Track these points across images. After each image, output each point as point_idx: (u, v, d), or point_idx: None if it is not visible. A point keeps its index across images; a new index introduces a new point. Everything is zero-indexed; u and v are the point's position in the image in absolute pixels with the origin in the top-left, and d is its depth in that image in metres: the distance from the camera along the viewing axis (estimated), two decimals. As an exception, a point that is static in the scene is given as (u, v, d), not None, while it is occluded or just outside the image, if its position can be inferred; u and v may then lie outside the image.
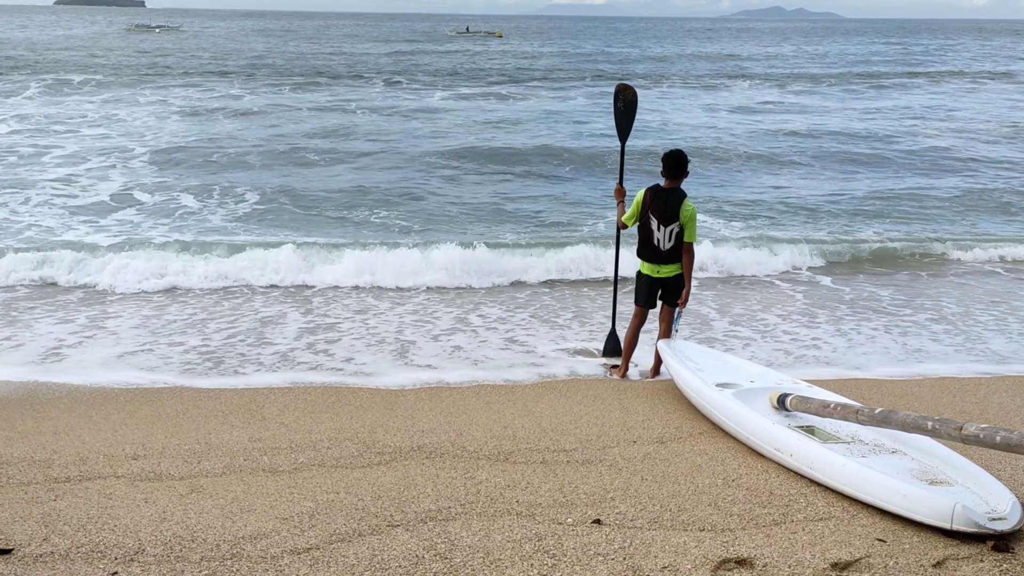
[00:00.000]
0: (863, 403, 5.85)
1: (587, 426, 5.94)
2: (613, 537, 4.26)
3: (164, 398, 6.53)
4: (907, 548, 4.16)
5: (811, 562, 4.03)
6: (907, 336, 8.60)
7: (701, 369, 6.45)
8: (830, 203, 15.57)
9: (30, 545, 4.14)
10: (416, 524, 4.40)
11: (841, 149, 21.61)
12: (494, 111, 28.55)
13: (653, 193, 6.77)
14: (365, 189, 16.09)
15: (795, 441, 5.13)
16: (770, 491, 4.85)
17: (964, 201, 16.03)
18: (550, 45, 79.13)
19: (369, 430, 5.84)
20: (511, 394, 6.72)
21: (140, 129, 23.02)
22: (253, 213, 14.09)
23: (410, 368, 7.47)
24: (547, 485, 4.91)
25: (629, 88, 7.53)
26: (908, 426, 4.65)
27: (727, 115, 28.81)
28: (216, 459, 5.30)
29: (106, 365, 7.40)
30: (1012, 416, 6.26)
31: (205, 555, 4.07)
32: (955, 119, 27.94)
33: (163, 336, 8.27)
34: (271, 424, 5.96)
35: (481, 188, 16.60)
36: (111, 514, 4.49)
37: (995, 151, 21.66)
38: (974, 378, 7.23)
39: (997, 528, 4.16)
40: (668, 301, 7.00)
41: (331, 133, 23.10)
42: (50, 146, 19.95)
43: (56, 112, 25.94)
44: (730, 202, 15.58)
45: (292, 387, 6.85)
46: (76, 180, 16.29)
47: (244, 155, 19.27)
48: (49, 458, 5.29)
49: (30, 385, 6.82)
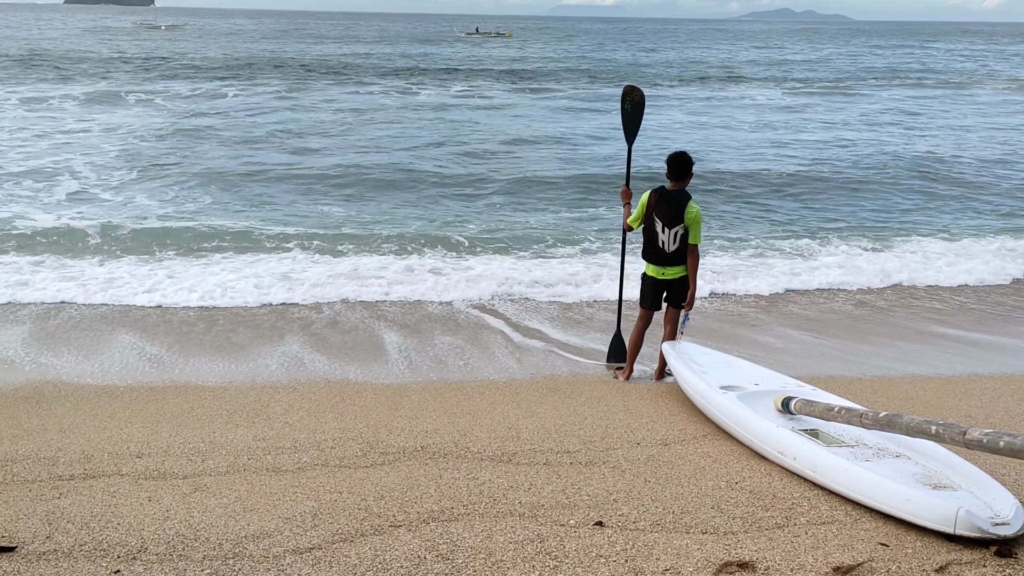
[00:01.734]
0: (867, 406, 5.85)
1: (591, 428, 5.94)
2: (615, 539, 4.26)
3: (169, 397, 6.56)
4: (910, 553, 4.14)
5: (813, 566, 4.02)
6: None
7: (705, 371, 6.45)
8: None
9: (34, 543, 4.16)
10: (418, 524, 4.41)
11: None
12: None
13: (658, 195, 6.77)
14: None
15: (799, 444, 5.12)
16: (773, 494, 4.84)
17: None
18: (617, 50, 75.61)
19: (373, 430, 5.85)
20: (515, 395, 6.72)
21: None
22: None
23: (413, 368, 7.47)
24: (550, 487, 4.91)
25: (636, 90, 7.52)
26: (912, 430, 4.63)
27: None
28: (220, 458, 5.32)
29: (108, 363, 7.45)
30: (1018, 420, 6.23)
31: (207, 554, 4.08)
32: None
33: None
34: (276, 423, 5.98)
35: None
36: (115, 512, 4.50)
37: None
38: (979, 381, 7.19)
39: (1000, 533, 4.14)
40: (673, 303, 7.00)
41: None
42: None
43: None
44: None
45: (296, 387, 6.86)
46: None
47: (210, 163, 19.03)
48: (54, 456, 5.32)
49: (36, 383, 6.85)
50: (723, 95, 36.56)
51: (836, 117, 29.32)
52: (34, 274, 10.14)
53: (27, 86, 32.97)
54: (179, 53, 56.00)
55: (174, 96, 31.29)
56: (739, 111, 30.62)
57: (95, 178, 16.62)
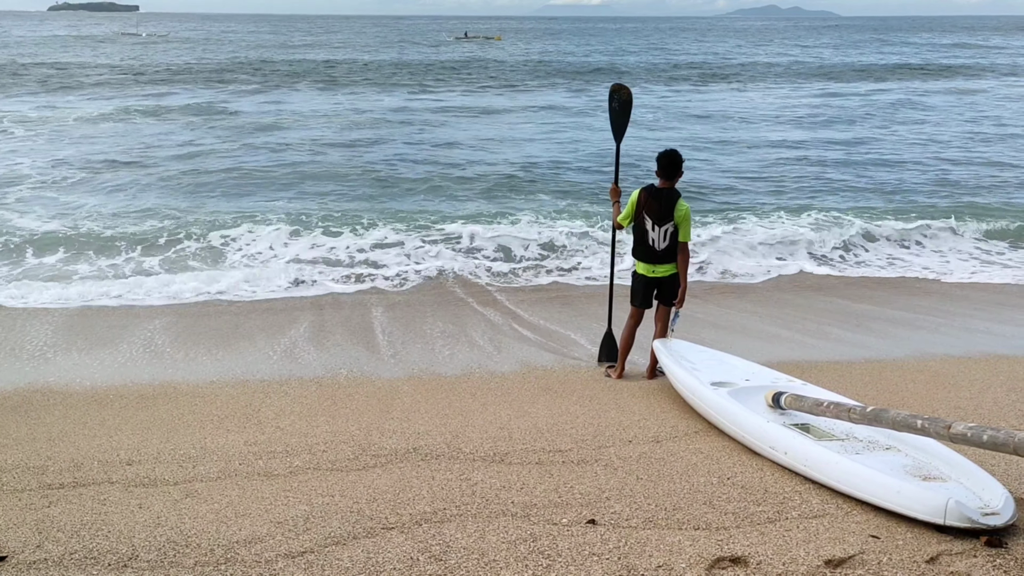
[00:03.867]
0: (857, 400, 5.87)
1: (583, 426, 5.94)
2: (608, 537, 4.27)
3: (159, 403, 6.53)
4: (901, 544, 4.16)
5: (805, 559, 4.03)
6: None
7: (697, 368, 6.46)
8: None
9: (24, 552, 4.15)
10: (411, 526, 4.40)
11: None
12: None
13: (648, 193, 6.78)
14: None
15: (789, 439, 5.14)
16: (765, 489, 4.85)
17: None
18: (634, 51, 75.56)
19: (365, 432, 5.84)
20: (507, 395, 6.72)
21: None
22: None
23: (404, 364, 7.46)
24: (542, 486, 4.91)
25: (624, 88, 7.52)
26: (898, 424, 4.66)
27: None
28: (211, 463, 5.30)
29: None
30: (1007, 411, 6.27)
31: (199, 560, 4.07)
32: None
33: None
34: (267, 428, 5.96)
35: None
36: (105, 520, 4.49)
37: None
38: (967, 372, 7.21)
39: (990, 523, 4.17)
40: (664, 301, 7.01)
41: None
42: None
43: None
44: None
45: (288, 391, 6.83)
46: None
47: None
48: (43, 464, 5.29)
49: (25, 391, 6.81)
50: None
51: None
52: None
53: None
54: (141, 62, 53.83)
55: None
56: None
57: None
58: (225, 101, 31.30)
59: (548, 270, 11.15)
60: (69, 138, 22.17)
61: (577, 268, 11.21)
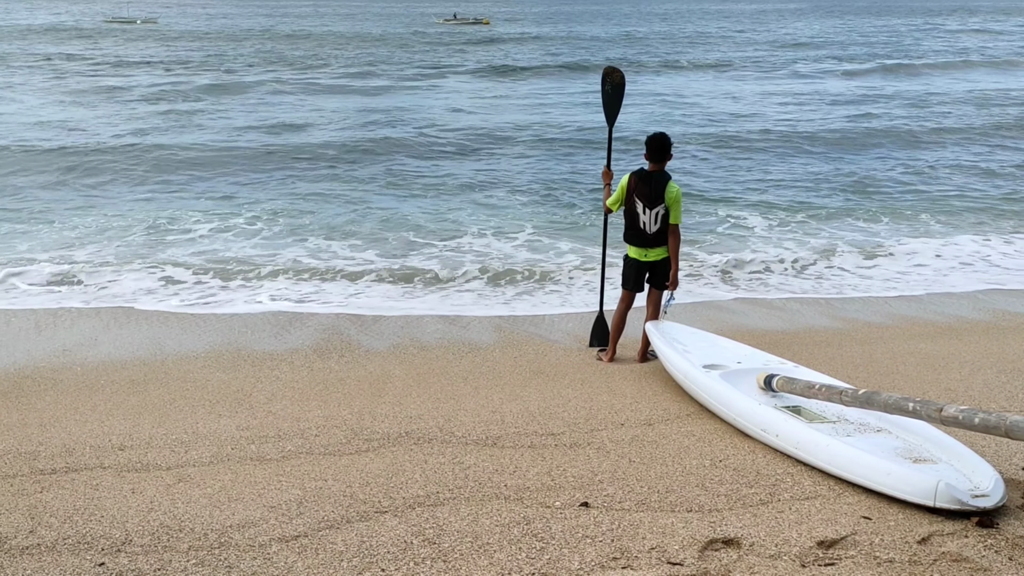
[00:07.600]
0: (849, 383, 5.90)
1: (575, 410, 5.95)
2: (601, 519, 4.28)
3: (151, 388, 6.50)
4: (893, 525, 4.19)
5: (798, 540, 4.06)
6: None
7: (689, 350, 6.47)
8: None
9: (16, 537, 4.13)
10: (404, 510, 4.41)
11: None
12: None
13: (638, 177, 6.77)
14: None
15: (781, 421, 5.16)
16: (757, 471, 4.88)
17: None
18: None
19: (357, 417, 5.83)
20: (499, 379, 6.72)
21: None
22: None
23: (396, 349, 7.45)
24: (535, 469, 4.92)
25: (617, 71, 7.50)
26: (890, 407, 4.68)
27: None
28: (204, 448, 5.29)
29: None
30: (996, 393, 6.30)
31: (193, 544, 4.07)
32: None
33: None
34: (259, 412, 5.95)
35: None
36: (98, 505, 4.48)
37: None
38: (958, 355, 7.25)
39: (980, 505, 4.20)
40: (656, 284, 7.02)
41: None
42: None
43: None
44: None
45: (279, 376, 6.81)
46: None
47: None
48: (35, 450, 5.27)
49: (15, 377, 6.78)
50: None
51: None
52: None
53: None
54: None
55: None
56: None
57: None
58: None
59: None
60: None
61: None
